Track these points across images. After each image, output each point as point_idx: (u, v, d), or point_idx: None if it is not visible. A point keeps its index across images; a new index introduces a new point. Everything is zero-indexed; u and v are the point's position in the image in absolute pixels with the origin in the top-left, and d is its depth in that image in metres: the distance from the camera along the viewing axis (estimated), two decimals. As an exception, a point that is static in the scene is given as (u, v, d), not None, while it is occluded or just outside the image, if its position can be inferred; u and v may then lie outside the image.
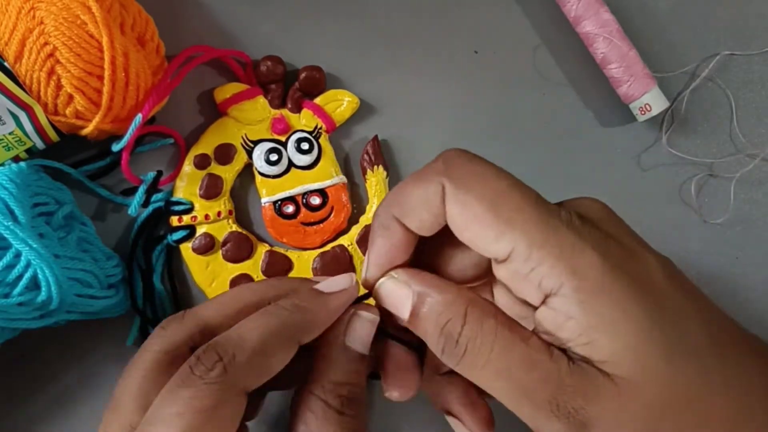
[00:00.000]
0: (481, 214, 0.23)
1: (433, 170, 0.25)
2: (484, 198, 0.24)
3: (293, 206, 0.39)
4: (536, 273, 0.23)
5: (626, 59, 0.39)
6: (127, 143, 0.36)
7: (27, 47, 0.32)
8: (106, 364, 0.38)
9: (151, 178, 0.38)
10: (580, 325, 0.22)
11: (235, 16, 0.41)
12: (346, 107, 0.40)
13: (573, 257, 0.22)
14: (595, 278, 0.22)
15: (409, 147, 0.41)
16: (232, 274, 0.39)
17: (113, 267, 0.36)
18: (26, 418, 0.37)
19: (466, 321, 0.24)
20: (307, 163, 0.39)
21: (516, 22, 0.42)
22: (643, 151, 0.42)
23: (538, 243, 0.23)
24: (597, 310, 0.22)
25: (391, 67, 0.41)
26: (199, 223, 0.39)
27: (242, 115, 0.39)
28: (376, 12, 0.42)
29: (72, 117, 0.34)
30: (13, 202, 0.32)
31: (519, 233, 0.23)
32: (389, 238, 0.26)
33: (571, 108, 0.42)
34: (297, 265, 0.39)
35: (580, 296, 0.22)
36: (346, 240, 0.40)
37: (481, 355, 0.24)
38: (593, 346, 0.22)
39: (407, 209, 0.26)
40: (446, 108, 0.41)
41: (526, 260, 0.23)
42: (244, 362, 0.24)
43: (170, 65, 0.37)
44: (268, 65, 0.40)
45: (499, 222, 0.23)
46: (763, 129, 0.42)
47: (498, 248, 0.23)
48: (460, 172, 0.24)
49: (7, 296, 0.31)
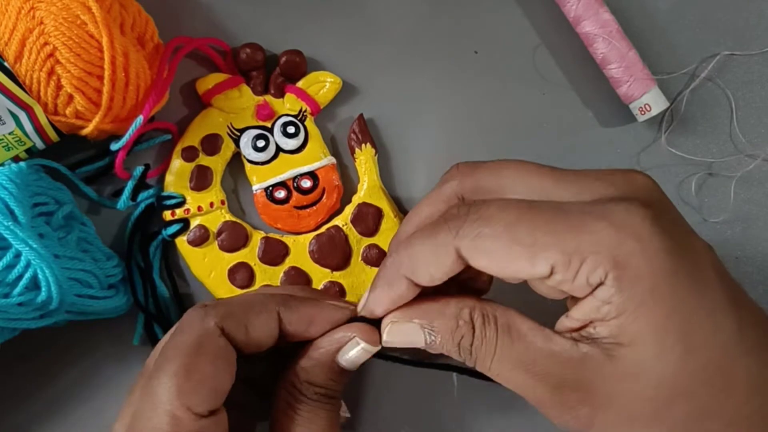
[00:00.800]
0: (506, 253, 0.24)
1: (442, 231, 0.25)
2: (501, 237, 0.24)
3: (285, 191, 0.39)
4: (581, 274, 0.23)
5: (626, 59, 0.39)
6: (126, 143, 0.36)
7: (27, 47, 0.32)
8: (106, 364, 0.38)
9: (139, 172, 0.38)
10: (616, 309, 0.23)
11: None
12: (329, 89, 0.40)
13: (612, 248, 0.23)
14: (636, 266, 0.22)
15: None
16: (229, 263, 0.39)
17: (113, 267, 0.36)
18: (26, 418, 0.37)
19: (474, 333, 0.25)
20: (294, 147, 0.39)
21: (516, 22, 0.42)
22: (641, 151, 0.42)
23: (573, 247, 0.23)
24: (633, 298, 0.23)
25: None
26: (192, 216, 0.39)
27: (226, 104, 0.39)
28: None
29: (72, 117, 0.34)
30: (13, 202, 0.32)
31: (551, 248, 0.23)
32: (396, 291, 0.27)
33: (571, 108, 0.42)
34: (293, 249, 0.39)
35: (620, 284, 0.23)
36: (341, 220, 0.39)
37: (485, 360, 0.25)
38: (621, 327, 0.23)
39: (417, 270, 0.26)
40: (446, 108, 0.41)
41: (569, 268, 0.23)
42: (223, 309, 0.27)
43: (161, 62, 0.37)
44: (248, 52, 0.40)
45: (526, 249, 0.23)
46: (763, 129, 0.42)
47: (539, 270, 0.24)
48: (469, 225, 0.24)
49: (7, 296, 0.31)
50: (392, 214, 0.39)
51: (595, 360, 0.23)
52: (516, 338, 0.25)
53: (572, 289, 0.24)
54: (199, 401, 0.25)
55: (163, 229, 0.39)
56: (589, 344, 0.24)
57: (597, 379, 0.23)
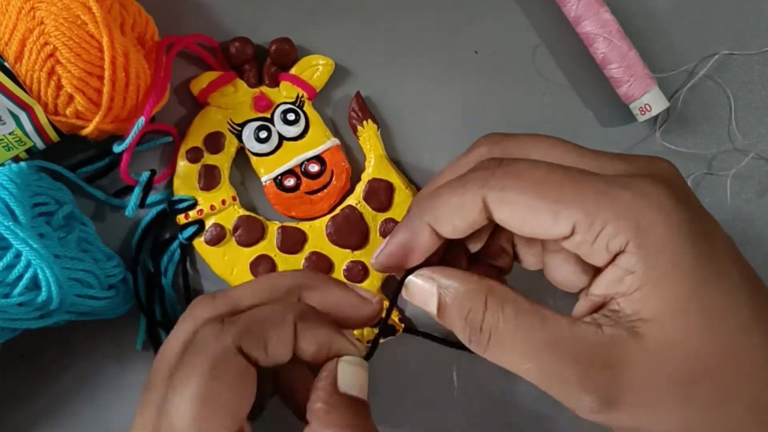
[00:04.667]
0: (531, 206, 0.24)
1: (471, 180, 0.25)
2: (527, 191, 0.24)
3: (294, 178, 0.39)
4: (602, 237, 0.23)
5: (626, 59, 0.39)
6: (129, 145, 0.36)
7: (27, 47, 0.32)
8: (106, 364, 0.38)
9: (146, 178, 0.38)
10: (639, 280, 0.23)
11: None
12: (322, 71, 0.40)
13: (635, 215, 0.23)
14: (659, 235, 0.23)
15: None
16: (249, 257, 0.39)
17: (113, 267, 0.36)
18: (26, 418, 0.37)
19: (486, 308, 0.25)
20: (296, 133, 0.39)
21: (516, 22, 0.42)
22: (638, 148, 0.42)
23: (596, 209, 0.23)
24: (656, 267, 0.22)
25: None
26: (206, 216, 0.39)
27: (223, 100, 0.39)
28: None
29: (72, 117, 0.34)
30: (13, 202, 0.32)
31: (575, 207, 0.23)
32: (416, 239, 0.27)
33: (571, 108, 0.42)
34: (311, 234, 0.39)
35: (643, 252, 0.23)
36: (353, 199, 0.40)
37: (505, 340, 0.24)
38: (644, 301, 0.23)
39: (441, 218, 0.26)
40: (445, 109, 0.41)
41: (590, 228, 0.23)
42: (241, 325, 0.25)
43: (157, 61, 0.37)
44: (237, 46, 0.40)
45: (551, 204, 0.23)
46: (762, 129, 0.42)
47: (560, 229, 0.24)
48: (497, 176, 0.25)
49: (7, 296, 0.31)
50: (404, 186, 0.39)
51: (622, 340, 0.23)
52: (540, 320, 0.24)
53: (590, 254, 0.24)
54: (218, 426, 0.24)
55: (179, 233, 0.38)
56: (613, 326, 0.23)
57: (624, 359, 0.23)
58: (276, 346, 0.26)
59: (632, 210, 0.23)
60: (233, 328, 0.25)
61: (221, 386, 0.24)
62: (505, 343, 0.24)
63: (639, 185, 0.23)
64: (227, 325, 0.26)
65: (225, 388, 0.24)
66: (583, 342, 0.23)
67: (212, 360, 0.24)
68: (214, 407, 0.24)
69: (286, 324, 0.26)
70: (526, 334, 0.24)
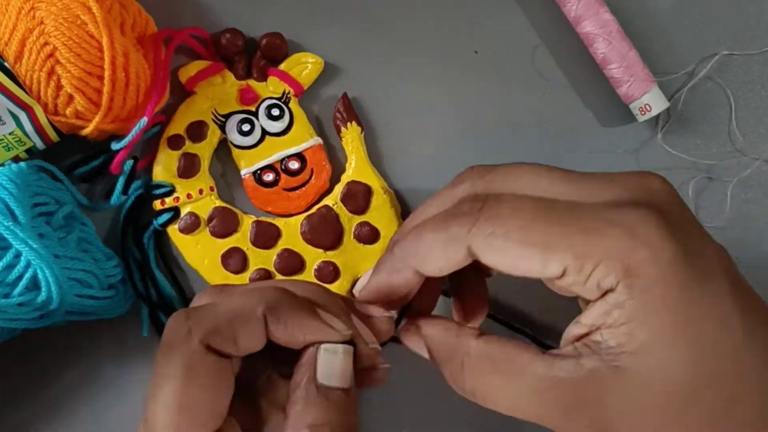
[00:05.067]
0: (519, 254, 0.24)
1: (455, 223, 0.25)
2: (514, 237, 0.24)
3: (273, 174, 0.39)
4: (593, 278, 0.23)
5: (626, 59, 0.39)
6: (128, 144, 0.36)
7: (27, 47, 0.32)
8: (106, 364, 0.38)
9: (130, 167, 0.38)
10: (626, 315, 0.23)
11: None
12: (311, 69, 0.40)
13: (625, 255, 0.23)
14: (649, 275, 0.22)
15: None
16: (222, 249, 0.39)
17: (113, 267, 0.36)
18: (26, 418, 0.37)
19: (463, 368, 0.26)
20: (280, 129, 0.40)
21: (516, 22, 0.42)
22: (638, 149, 0.41)
23: (585, 251, 0.23)
24: (645, 305, 0.22)
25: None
26: (182, 204, 0.39)
27: (210, 90, 0.39)
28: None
29: (72, 117, 0.34)
30: (13, 202, 0.32)
31: (564, 250, 0.23)
32: (401, 278, 0.27)
33: (571, 108, 0.42)
34: (285, 231, 0.39)
35: (632, 291, 0.23)
36: (331, 200, 0.40)
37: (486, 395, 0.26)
38: (630, 335, 0.23)
39: (426, 262, 0.26)
40: (445, 109, 0.41)
41: (581, 271, 0.23)
42: (208, 324, 0.25)
43: (155, 60, 0.37)
44: (228, 38, 0.40)
45: (539, 251, 0.23)
46: (762, 129, 0.42)
47: (551, 272, 0.24)
48: (482, 222, 0.24)
49: (7, 296, 0.31)
50: (382, 190, 0.39)
51: (601, 375, 0.23)
52: (519, 369, 0.24)
53: (583, 292, 0.24)
54: (198, 428, 0.24)
55: (154, 218, 0.39)
56: (593, 358, 0.23)
57: (605, 396, 0.23)
58: (246, 340, 0.25)
59: (622, 250, 0.23)
60: (199, 328, 0.24)
61: (194, 389, 0.24)
62: (488, 397, 0.25)
63: (628, 220, 0.23)
64: (194, 324, 0.25)
65: (199, 390, 0.24)
66: (562, 383, 0.24)
67: (183, 364, 0.24)
68: (191, 411, 0.24)
69: (254, 318, 0.25)
70: (505, 385, 0.25)
